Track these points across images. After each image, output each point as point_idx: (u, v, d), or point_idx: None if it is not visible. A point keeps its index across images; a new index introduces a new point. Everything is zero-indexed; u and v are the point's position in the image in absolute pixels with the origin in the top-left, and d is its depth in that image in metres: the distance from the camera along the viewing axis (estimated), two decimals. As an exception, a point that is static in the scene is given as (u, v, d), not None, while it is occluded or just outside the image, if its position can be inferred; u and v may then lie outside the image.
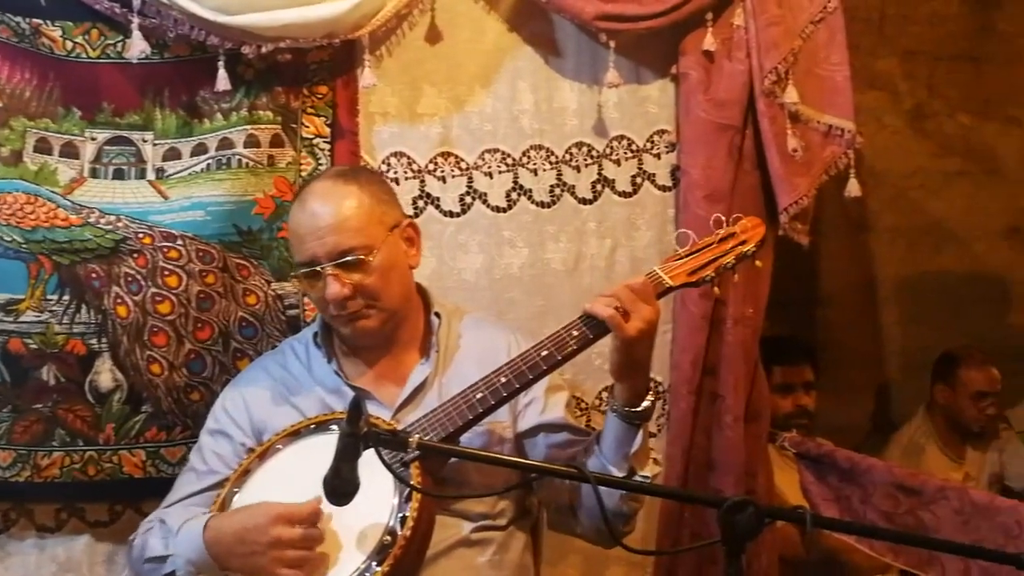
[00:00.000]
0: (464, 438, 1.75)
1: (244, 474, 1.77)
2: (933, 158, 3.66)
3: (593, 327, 1.71)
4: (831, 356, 3.39)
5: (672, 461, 2.36)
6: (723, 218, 1.82)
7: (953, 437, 3.37)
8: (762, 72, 2.32)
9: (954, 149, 3.68)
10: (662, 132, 2.42)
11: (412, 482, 1.62)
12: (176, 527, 1.73)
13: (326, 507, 1.59)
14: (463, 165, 2.31)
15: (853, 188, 2.44)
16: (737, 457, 2.38)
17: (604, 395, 2.36)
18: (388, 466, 1.45)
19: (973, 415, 3.32)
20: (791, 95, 2.33)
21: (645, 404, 1.73)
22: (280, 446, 1.77)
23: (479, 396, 1.71)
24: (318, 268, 1.76)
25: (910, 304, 3.66)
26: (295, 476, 1.68)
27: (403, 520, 1.63)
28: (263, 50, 2.06)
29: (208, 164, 2.12)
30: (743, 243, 1.80)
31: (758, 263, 1.85)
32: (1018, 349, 3.61)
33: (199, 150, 2.12)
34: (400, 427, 1.71)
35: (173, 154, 2.12)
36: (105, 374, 2.08)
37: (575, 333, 1.72)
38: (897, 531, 2.21)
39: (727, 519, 1.30)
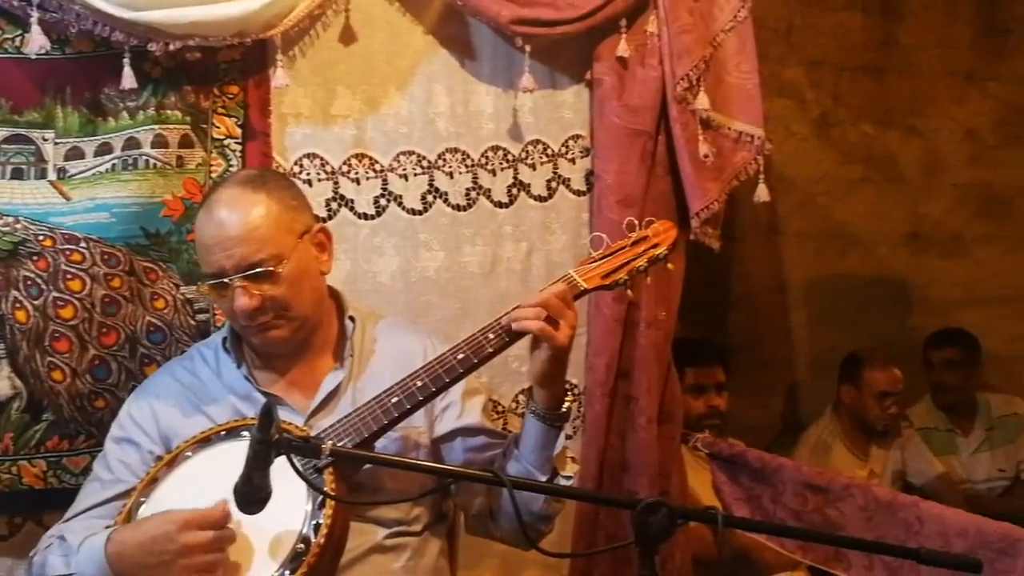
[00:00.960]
0: (379, 444, 1.73)
1: (151, 483, 1.71)
2: (838, 165, 3.75)
3: (510, 331, 1.71)
4: (742, 358, 3.44)
5: (587, 463, 2.38)
6: (635, 222, 1.84)
7: (858, 436, 3.45)
8: (674, 78, 2.36)
9: (858, 156, 3.78)
10: (577, 137, 2.44)
11: (326, 489, 1.59)
12: (77, 544, 1.66)
13: (238, 515, 1.55)
14: (378, 167, 2.29)
15: (762, 193, 2.50)
16: (651, 458, 2.41)
17: (521, 398, 2.36)
18: (300, 473, 1.42)
19: (877, 414, 3.41)
20: (702, 102, 2.38)
21: (565, 407, 1.74)
22: (189, 453, 1.73)
23: (394, 401, 1.70)
24: (226, 280, 1.72)
25: (817, 307, 3.74)
26: (205, 484, 1.64)
27: (317, 527, 1.60)
28: (171, 48, 2.01)
29: (113, 164, 2.06)
30: (655, 246, 1.82)
31: (670, 266, 1.87)
32: (918, 350, 3.73)
33: (103, 150, 2.06)
34: (313, 433, 1.68)
35: (76, 153, 2.05)
36: (3, 381, 2.00)
37: (491, 336, 1.71)
38: (805, 529, 2.27)
39: (640, 520, 1.31)
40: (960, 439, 3.71)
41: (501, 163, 2.39)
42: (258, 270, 1.71)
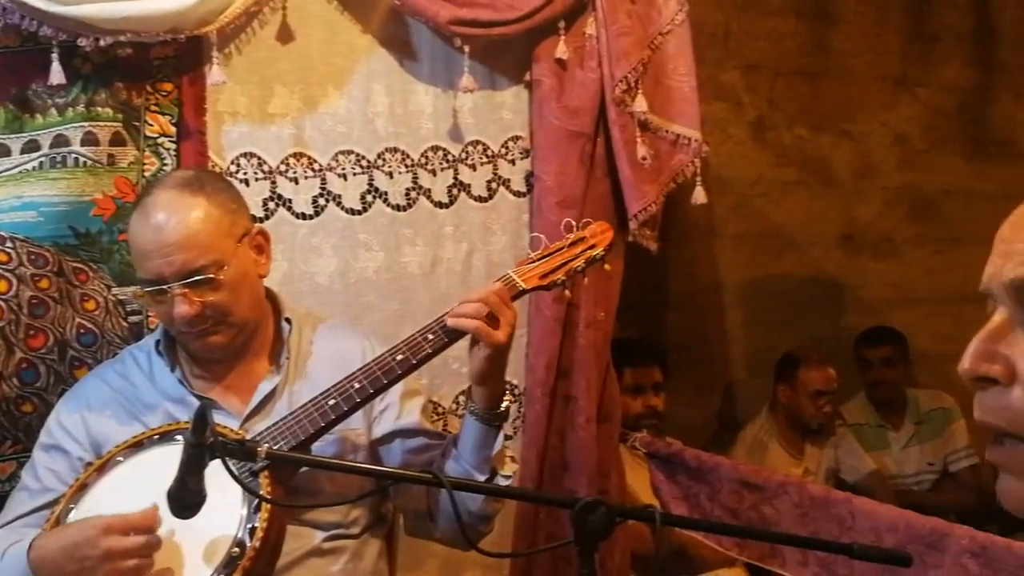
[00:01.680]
0: (316, 446, 1.71)
1: (81, 489, 1.67)
2: (773, 168, 3.80)
3: (449, 331, 1.70)
4: (679, 358, 3.47)
5: (527, 463, 2.38)
6: (573, 223, 1.85)
7: (793, 434, 3.50)
8: (613, 81, 2.38)
9: (792, 160, 3.84)
10: (516, 138, 2.45)
11: (261, 492, 1.57)
12: (0, 552, 1.62)
13: (173, 521, 1.52)
14: (316, 166, 2.27)
15: (699, 195, 2.53)
16: (590, 458, 2.42)
17: (461, 399, 2.36)
18: (235, 476, 1.40)
19: (812, 413, 3.46)
20: (640, 104, 2.40)
21: (504, 406, 1.74)
22: (121, 458, 1.69)
23: (331, 403, 1.68)
24: (165, 288, 1.68)
25: (753, 307, 3.79)
26: (137, 489, 1.60)
27: (252, 531, 1.58)
28: (102, 43, 1.97)
29: (41, 162, 2.01)
30: (592, 247, 1.83)
31: (607, 266, 1.89)
32: (852, 349, 3.80)
33: (30, 147, 2.00)
34: (248, 437, 1.65)
35: (1, 151, 1.99)
36: (-75, 386, 1.94)
37: (431, 337, 1.71)
38: (741, 526, 2.30)
39: (580, 519, 1.32)
40: (891, 434, 3.80)
41: (441, 163, 2.38)
42: (198, 277, 1.67)
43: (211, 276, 1.68)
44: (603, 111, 2.41)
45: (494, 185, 2.44)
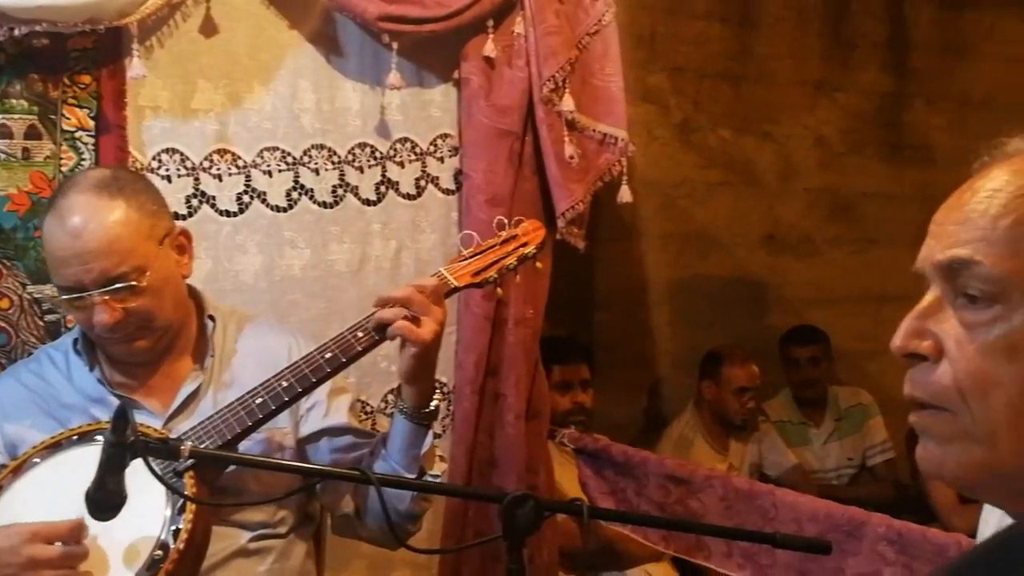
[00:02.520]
0: (242, 446, 1.68)
1: (-5, 492, 1.62)
2: (698, 169, 3.86)
3: (380, 329, 1.69)
4: (607, 355, 3.50)
5: (456, 461, 2.38)
6: (505, 221, 1.86)
7: (718, 430, 3.56)
8: (541, 80, 2.39)
9: (717, 161, 3.90)
10: (445, 136, 2.45)
11: (186, 492, 1.54)
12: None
13: (94, 525, 1.48)
14: (240, 163, 2.24)
15: (625, 195, 2.55)
16: (518, 454, 2.43)
17: (390, 398, 2.34)
18: (158, 476, 1.37)
19: (736, 409, 3.52)
20: (568, 103, 2.41)
21: (434, 405, 1.73)
22: (38, 460, 1.64)
23: (259, 402, 1.65)
24: (84, 295, 1.63)
25: (679, 306, 3.84)
26: (55, 492, 1.56)
27: (176, 533, 1.55)
28: (16, 33, 1.91)
29: (-48, 155, 1.94)
30: (524, 245, 1.84)
31: (539, 265, 1.90)
32: (775, 347, 3.88)
33: (-60, 139, 1.94)
34: (172, 436, 1.62)
35: (-88, 143, 1.93)
36: None
37: (361, 335, 1.69)
38: (668, 518, 2.33)
39: (508, 514, 1.32)
40: (812, 431, 3.89)
41: (369, 160, 2.37)
42: (119, 285, 1.62)
43: (132, 283, 1.63)
44: (531, 110, 2.42)
45: (423, 183, 2.43)
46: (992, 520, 0.94)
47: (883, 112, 4.22)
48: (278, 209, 2.27)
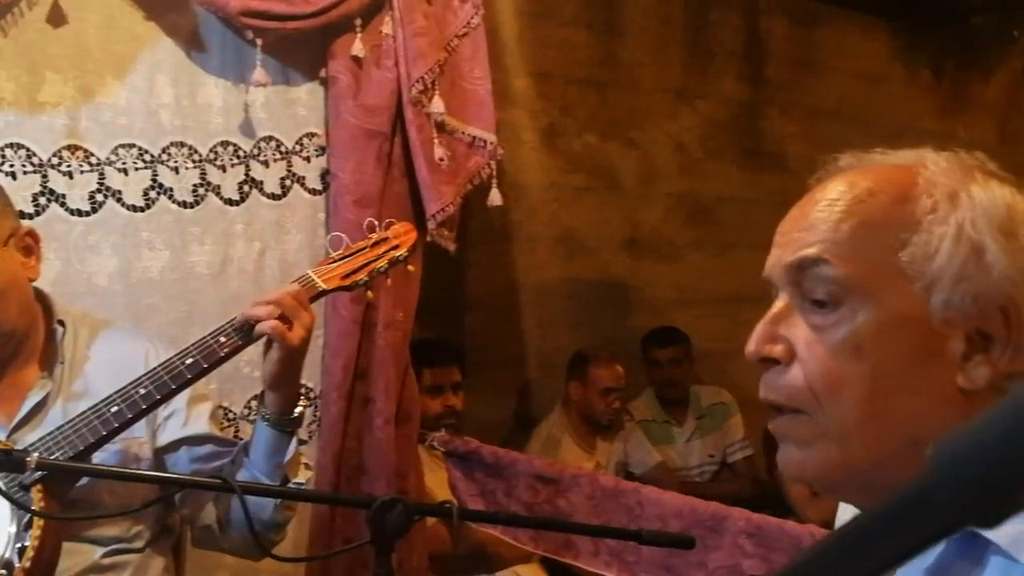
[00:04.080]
0: (96, 457, 1.60)
1: None
2: (564, 173, 3.92)
3: (244, 333, 1.64)
4: (477, 358, 3.51)
5: (323, 468, 2.33)
6: (376, 223, 1.83)
7: (585, 430, 3.62)
8: (409, 81, 2.37)
9: (582, 166, 3.97)
10: (312, 135, 2.40)
11: (33, 507, 1.45)
12: None
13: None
14: (93, 160, 2.13)
15: (495, 197, 2.56)
16: (388, 459, 2.40)
17: (253, 404, 2.28)
18: (1, 490, 1.29)
19: (602, 409, 3.59)
20: (437, 105, 2.40)
21: (298, 411, 1.69)
22: None
23: (114, 410, 1.57)
24: None
25: (547, 308, 3.88)
26: None
27: (22, 551, 1.46)
28: None
29: None
30: (396, 247, 1.81)
31: (410, 267, 1.88)
32: (639, 348, 3.98)
33: None
34: (18, 447, 1.52)
35: None
36: None
37: (223, 339, 1.63)
38: (535, 518, 2.35)
39: (377, 518, 1.30)
40: (675, 429, 4.00)
41: (231, 159, 2.29)
42: None
43: None
44: (400, 111, 2.40)
45: (288, 182, 2.38)
46: (849, 511, 0.98)
47: (740, 120, 4.38)
48: (135, 208, 2.18)
